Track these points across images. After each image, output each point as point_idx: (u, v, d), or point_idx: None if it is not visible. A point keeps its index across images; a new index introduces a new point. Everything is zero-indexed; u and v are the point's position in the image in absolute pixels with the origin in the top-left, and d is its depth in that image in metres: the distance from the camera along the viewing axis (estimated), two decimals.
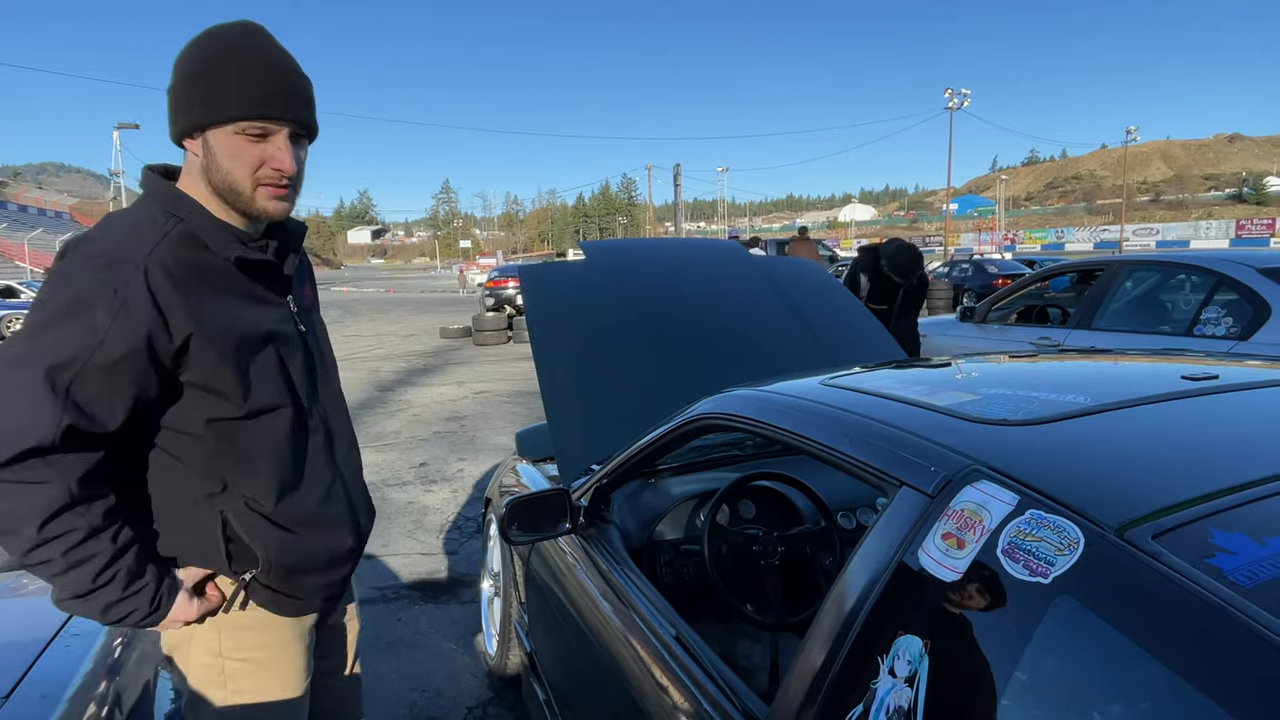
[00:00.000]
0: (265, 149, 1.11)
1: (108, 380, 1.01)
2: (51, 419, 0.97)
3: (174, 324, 1.05)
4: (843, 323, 3.02)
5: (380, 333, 15.94)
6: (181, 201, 1.12)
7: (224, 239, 1.12)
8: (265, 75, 1.09)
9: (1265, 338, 3.79)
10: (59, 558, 1.01)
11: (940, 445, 0.99)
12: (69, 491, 1.01)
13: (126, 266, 1.03)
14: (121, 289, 1.02)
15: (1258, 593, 0.65)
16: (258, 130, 1.10)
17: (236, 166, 1.10)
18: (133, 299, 1.02)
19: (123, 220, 1.11)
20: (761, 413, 1.38)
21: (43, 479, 0.99)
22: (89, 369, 1.00)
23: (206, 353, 1.08)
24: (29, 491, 0.98)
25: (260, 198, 1.13)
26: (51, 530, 1.00)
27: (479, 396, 8.30)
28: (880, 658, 0.86)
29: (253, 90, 1.08)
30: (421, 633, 3.11)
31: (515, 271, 16.02)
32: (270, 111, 1.09)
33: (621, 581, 1.65)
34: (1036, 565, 0.77)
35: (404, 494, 4.93)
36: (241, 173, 1.11)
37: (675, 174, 37.11)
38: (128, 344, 1.01)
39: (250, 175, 1.11)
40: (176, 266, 1.06)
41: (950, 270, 19.05)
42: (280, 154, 1.12)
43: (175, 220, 1.10)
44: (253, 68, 1.08)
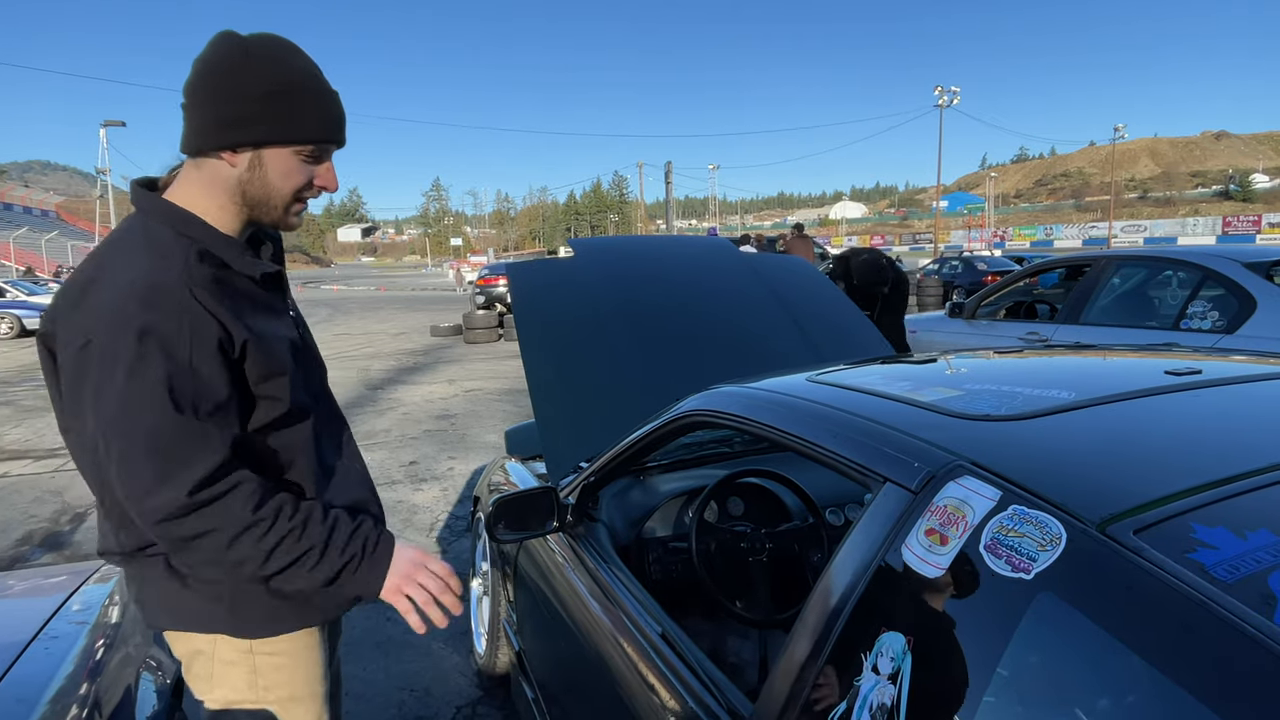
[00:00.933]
0: (316, 170, 1.16)
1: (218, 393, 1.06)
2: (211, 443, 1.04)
3: (233, 330, 1.08)
4: (831, 319, 3.02)
5: (370, 331, 15.87)
6: (188, 221, 1.12)
7: (239, 255, 1.14)
8: (332, 100, 1.14)
9: (1251, 330, 3.82)
10: (288, 524, 1.08)
11: (924, 441, 0.99)
12: (259, 482, 1.09)
13: (173, 291, 1.04)
14: (181, 312, 1.04)
15: (1239, 588, 0.65)
16: (317, 152, 1.14)
17: (287, 184, 1.13)
18: (193, 317, 1.04)
19: (134, 253, 1.09)
20: (747, 409, 1.38)
21: (235, 482, 1.06)
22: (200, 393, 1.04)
23: (256, 361, 1.12)
24: (233, 497, 1.05)
25: (292, 213, 1.18)
26: (268, 510, 1.07)
27: (469, 395, 8.27)
28: (864, 655, 0.86)
29: (327, 115, 1.13)
30: (410, 632, 3.08)
31: (505, 269, 15.96)
32: (333, 135, 1.14)
33: (609, 579, 1.64)
34: (1019, 561, 0.76)
35: (393, 493, 4.91)
36: (289, 190, 1.14)
37: (666, 172, 37.12)
38: (211, 358, 1.05)
39: (294, 193, 1.15)
40: (207, 285, 1.08)
41: (940, 267, 19.14)
42: (329, 174, 1.17)
43: (188, 241, 1.10)
44: (323, 93, 1.12)
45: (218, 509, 1.05)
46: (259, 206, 1.14)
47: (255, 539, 1.07)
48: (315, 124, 1.11)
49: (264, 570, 1.09)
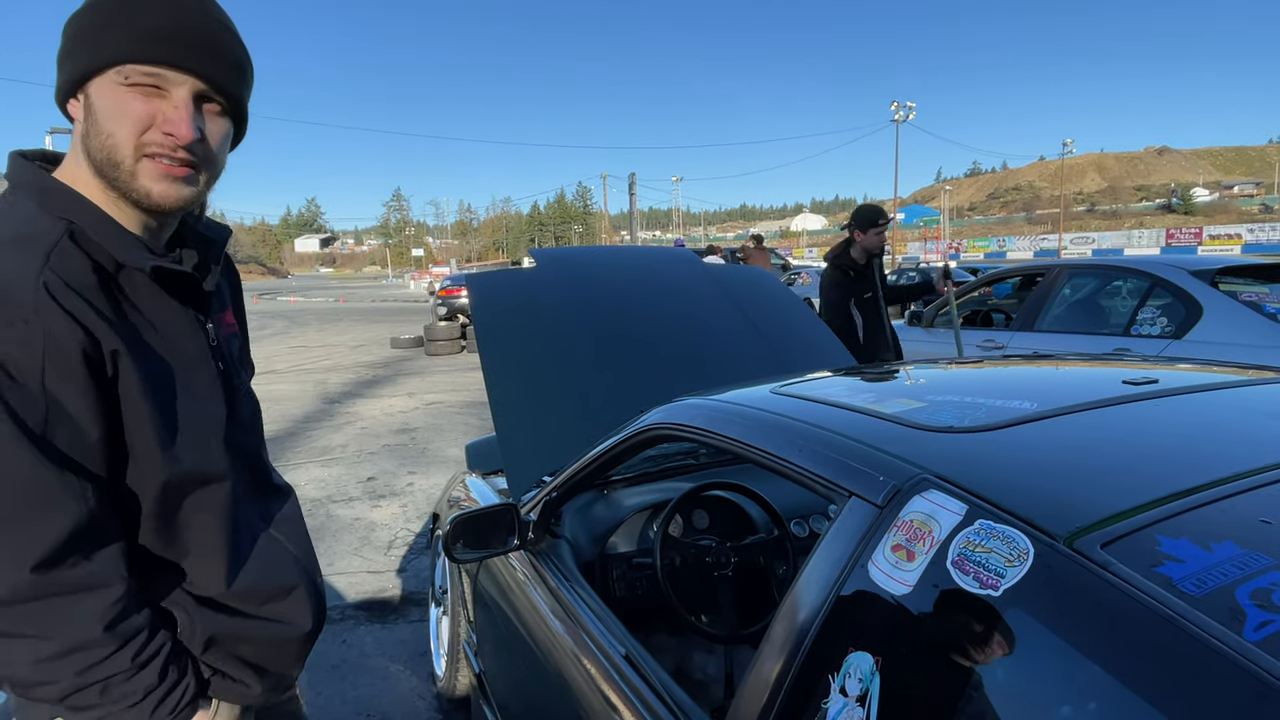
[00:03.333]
0: (159, 106, 0.86)
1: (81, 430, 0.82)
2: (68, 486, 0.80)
3: (102, 337, 0.83)
4: (795, 330, 3.02)
5: (328, 343, 15.55)
6: (65, 197, 0.87)
7: (128, 244, 0.88)
8: (171, 10, 0.85)
9: (1198, 335, 3.94)
10: (129, 663, 0.85)
11: (888, 454, 0.97)
12: (127, 588, 0.85)
13: (21, 290, 0.79)
14: (30, 317, 0.78)
15: (1207, 602, 0.64)
16: (148, 79, 0.85)
17: (120, 127, 0.85)
18: (49, 323, 0.79)
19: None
20: (710, 422, 1.35)
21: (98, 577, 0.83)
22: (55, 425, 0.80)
23: (130, 388, 0.85)
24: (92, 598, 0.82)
25: (143, 174, 0.86)
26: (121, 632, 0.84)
27: (430, 408, 8.13)
28: (831, 676, 0.84)
29: (145, 23, 0.84)
30: (368, 655, 3.00)
31: (465, 280, 15.77)
32: (166, 54, 0.84)
33: (570, 599, 1.60)
34: (987, 577, 0.75)
35: (350, 510, 4.78)
36: (124, 134, 0.85)
37: (630, 183, 37.24)
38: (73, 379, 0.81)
39: (134, 139, 0.85)
40: (79, 283, 0.83)
41: (898, 278, 19.45)
42: (175, 113, 0.85)
43: (63, 223, 0.85)
44: (147, 3, 0.85)
45: (61, 609, 0.80)
46: (106, 165, 0.86)
47: (81, 666, 0.82)
48: (126, 34, 0.83)
49: (45, 696, 0.83)
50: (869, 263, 4.27)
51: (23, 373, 0.78)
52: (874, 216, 4.21)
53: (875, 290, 4.27)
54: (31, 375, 0.78)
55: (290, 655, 1.07)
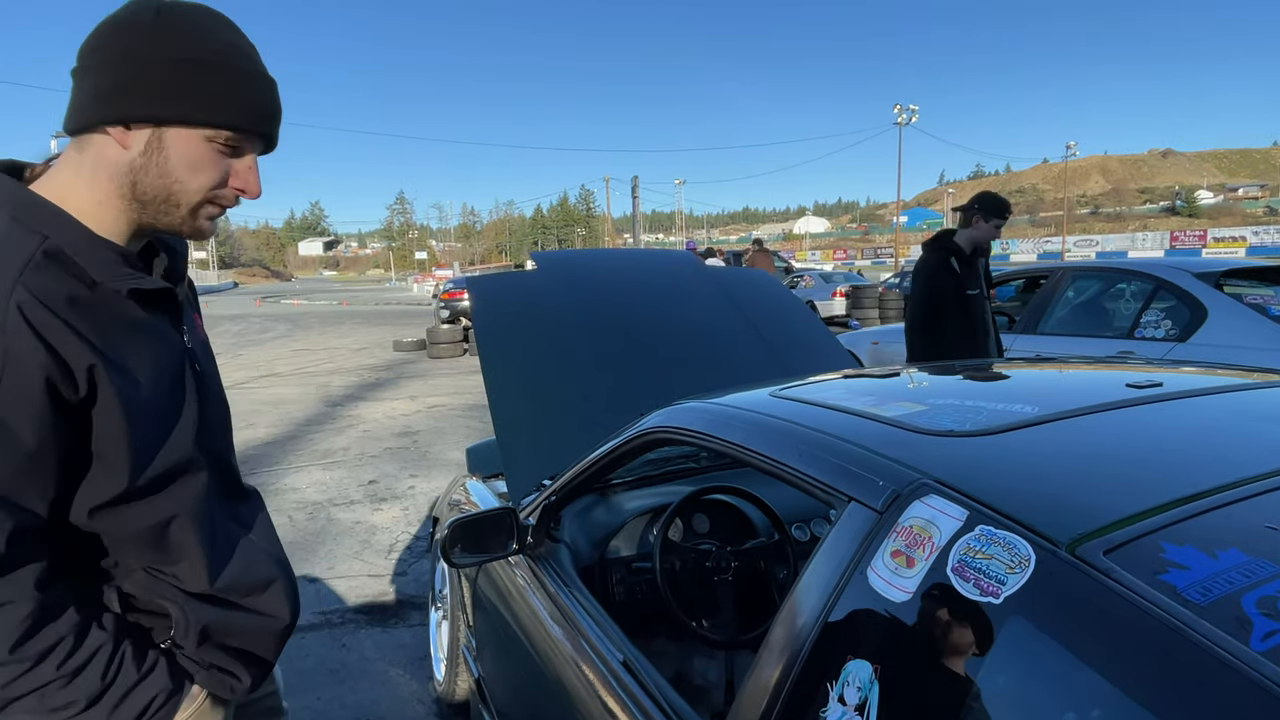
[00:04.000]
0: (233, 165, 0.93)
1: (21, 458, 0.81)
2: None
3: (75, 366, 0.83)
4: (797, 332, 3.01)
5: (331, 346, 15.56)
6: (43, 211, 0.87)
7: (106, 261, 0.89)
8: (264, 84, 0.93)
9: (1203, 339, 3.92)
10: (54, 672, 0.85)
11: (888, 458, 0.96)
12: (37, 604, 0.84)
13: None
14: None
15: (1212, 610, 0.63)
16: (235, 143, 0.92)
17: (194, 179, 0.90)
18: (15, 345, 0.79)
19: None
20: (709, 425, 1.34)
21: (4, 599, 0.82)
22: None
23: (107, 402, 0.86)
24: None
25: (200, 217, 0.94)
26: (31, 649, 0.83)
27: (432, 411, 8.13)
28: (830, 684, 0.82)
29: (254, 99, 0.91)
30: (367, 659, 2.99)
31: (465, 283, 15.77)
32: (265, 129, 0.94)
33: (569, 604, 1.58)
34: (987, 584, 0.73)
35: (351, 513, 4.77)
36: (197, 186, 0.91)
37: (633, 186, 37.28)
38: (29, 403, 0.80)
39: (205, 192, 0.92)
40: (54, 299, 0.83)
41: (901, 280, 19.45)
42: (249, 175, 0.95)
43: (39, 238, 0.85)
44: (253, 73, 0.91)
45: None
46: (155, 205, 0.90)
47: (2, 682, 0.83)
48: (237, 106, 0.90)
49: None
50: (974, 256, 3.70)
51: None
52: (1003, 208, 3.68)
53: (981, 288, 3.67)
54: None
55: (272, 647, 1.09)
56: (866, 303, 16.87)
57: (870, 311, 16.62)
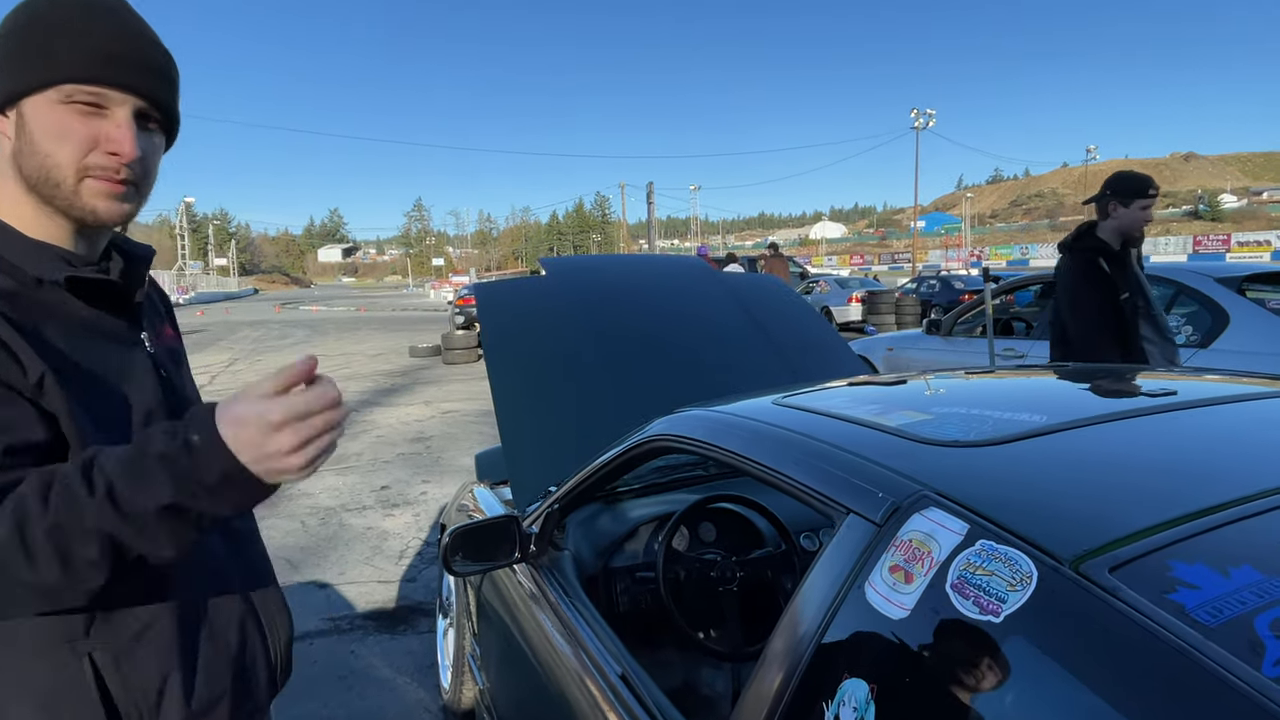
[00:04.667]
0: (101, 126, 0.85)
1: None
2: None
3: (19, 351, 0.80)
4: (808, 339, 2.97)
5: (348, 352, 15.67)
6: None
7: (41, 258, 0.86)
8: (108, 31, 0.85)
9: (1225, 344, 3.84)
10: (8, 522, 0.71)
11: (888, 469, 0.93)
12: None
13: None
14: None
15: (1221, 632, 0.59)
16: (90, 99, 0.84)
17: (60, 148, 0.84)
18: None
19: None
20: (710, 434, 1.32)
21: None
22: None
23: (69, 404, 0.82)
24: None
25: (87, 193, 0.86)
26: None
27: (446, 416, 8.15)
28: (825, 704, 0.80)
29: (89, 45, 0.83)
30: (375, 666, 2.98)
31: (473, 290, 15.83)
32: (111, 75, 0.84)
33: (570, 614, 1.56)
34: (987, 602, 0.70)
35: (363, 519, 4.78)
36: (66, 155, 0.84)
37: (648, 192, 37.33)
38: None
39: (76, 161, 0.85)
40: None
41: (918, 286, 19.30)
42: (119, 132, 0.85)
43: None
44: (91, 22, 0.84)
45: None
46: (42, 187, 0.86)
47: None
48: (68, 57, 0.83)
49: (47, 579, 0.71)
50: (1124, 251, 3.03)
51: None
52: (1142, 185, 3.01)
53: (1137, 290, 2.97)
54: None
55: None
56: (883, 308, 16.74)
57: (887, 317, 16.50)
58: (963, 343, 5.77)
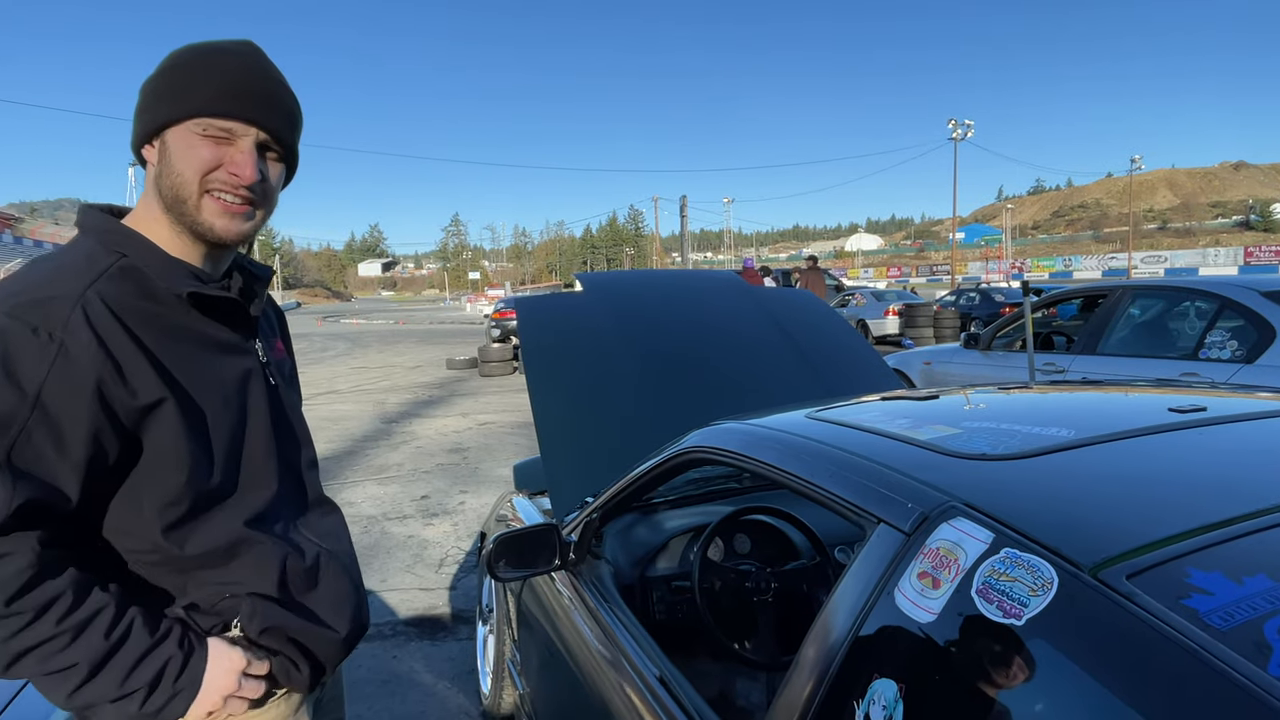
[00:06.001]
0: (226, 152, 0.98)
1: (56, 444, 0.86)
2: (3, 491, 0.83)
3: (131, 373, 0.90)
4: (838, 353, 3.00)
5: (388, 364, 16.00)
6: (126, 237, 0.97)
7: (178, 275, 0.98)
8: (241, 73, 0.98)
9: (1271, 360, 3.76)
10: (53, 628, 0.85)
11: (918, 481, 0.97)
12: (37, 557, 0.85)
13: (57, 305, 0.87)
14: (56, 330, 0.86)
15: (1233, 636, 0.63)
16: (221, 131, 0.97)
17: (189, 166, 0.96)
18: (71, 341, 0.86)
19: (47, 264, 0.95)
20: (745, 446, 1.37)
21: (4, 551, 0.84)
22: (28, 433, 0.84)
23: (170, 416, 0.93)
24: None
25: (207, 210, 0.97)
26: (30, 602, 0.84)
27: (483, 428, 8.29)
28: (856, 702, 0.84)
29: (222, 84, 0.96)
30: (416, 671, 3.06)
31: (513, 304, 16.13)
32: (238, 109, 0.97)
33: (609, 620, 1.62)
34: (1010, 606, 0.74)
35: (404, 528, 4.90)
36: (192, 173, 0.96)
37: (681, 205, 37.48)
38: (73, 396, 0.86)
39: (199, 178, 0.96)
40: (123, 307, 0.91)
41: (957, 298, 19.05)
42: (241, 157, 0.98)
43: (117, 255, 0.95)
44: (229, 65, 0.98)
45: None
46: (175, 207, 0.97)
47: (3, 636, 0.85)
48: (204, 92, 0.95)
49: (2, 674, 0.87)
50: None
51: (20, 379, 0.84)
52: None
53: None
54: (30, 383, 0.84)
55: (331, 654, 1.12)
56: (920, 321, 16.55)
57: (925, 330, 16.30)
58: (1001, 357, 5.71)
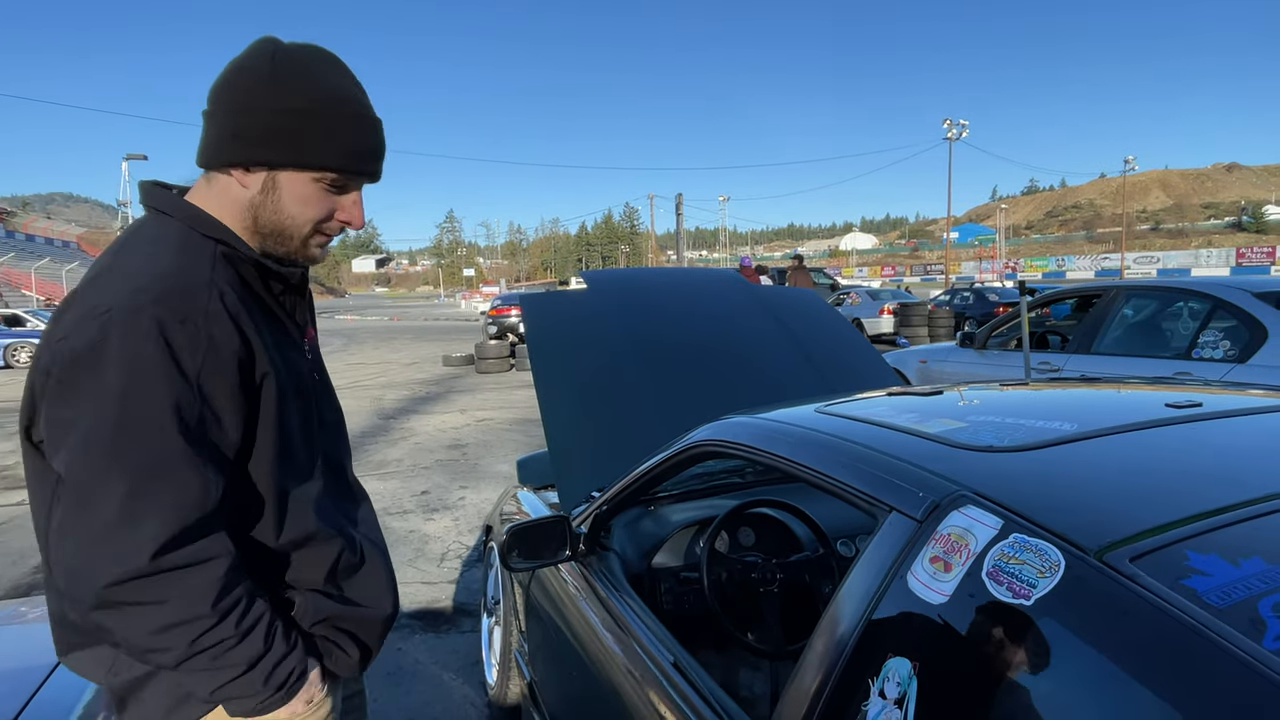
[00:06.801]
0: (339, 201, 1.04)
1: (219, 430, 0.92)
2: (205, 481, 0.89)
3: (257, 353, 0.95)
4: (840, 351, 3.05)
5: (384, 360, 16.00)
6: (210, 223, 0.99)
7: (262, 271, 1.02)
8: (367, 127, 1.02)
9: (1263, 360, 3.83)
10: (233, 629, 0.91)
11: (928, 471, 1.02)
12: (233, 560, 0.92)
13: (196, 294, 0.90)
14: (200, 320, 0.89)
15: (1230, 613, 0.67)
16: (341, 182, 1.02)
17: (304, 213, 1.01)
18: (216, 329, 0.91)
19: (155, 242, 0.96)
20: (757, 439, 1.41)
21: (211, 553, 0.90)
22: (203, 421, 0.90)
23: (269, 394, 0.98)
24: (200, 573, 0.89)
25: (311, 246, 1.05)
26: (224, 605, 0.90)
27: (481, 424, 8.32)
28: (871, 680, 0.88)
29: (352, 144, 1.00)
30: (421, 663, 3.10)
31: (517, 300, 16.10)
32: (356, 167, 1.02)
33: (621, 609, 1.66)
34: (1019, 587, 0.79)
35: (405, 522, 4.93)
36: (306, 220, 1.02)
37: (677, 203, 37.50)
38: (224, 380, 0.91)
39: (313, 224, 1.03)
40: (239, 292, 0.96)
41: (951, 298, 19.15)
42: (354, 209, 1.05)
43: (213, 242, 0.98)
44: (357, 117, 1.01)
45: (174, 583, 0.87)
46: (272, 236, 1.02)
47: (192, 636, 0.89)
48: (340, 150, 0.99)
49: (164, 662, 0.91)
50: None
51: (188, 369, 0.88)
52: None
53: None
54: (193, 372, 0.89)
55: (376, 635, 1.17)
56: (915, 320, 16.65)
57: (919, 330, 16.40)
58: (997, 356, 5.77)
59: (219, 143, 0.98)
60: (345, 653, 1.11)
